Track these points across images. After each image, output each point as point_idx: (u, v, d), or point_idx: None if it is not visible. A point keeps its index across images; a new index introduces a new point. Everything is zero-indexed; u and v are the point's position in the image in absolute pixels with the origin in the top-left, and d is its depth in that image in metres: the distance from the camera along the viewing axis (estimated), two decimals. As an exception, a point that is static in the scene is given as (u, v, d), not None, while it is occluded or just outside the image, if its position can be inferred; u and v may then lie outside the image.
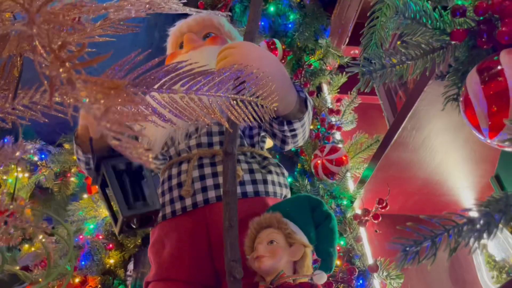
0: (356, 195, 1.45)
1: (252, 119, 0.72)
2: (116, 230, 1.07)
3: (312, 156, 1.49)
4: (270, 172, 1.10)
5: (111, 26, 0.73)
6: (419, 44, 0.62)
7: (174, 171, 1.09)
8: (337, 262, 1.34)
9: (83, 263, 1.65)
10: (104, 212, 1.72)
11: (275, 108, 0.77)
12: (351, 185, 1.54)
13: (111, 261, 1.70)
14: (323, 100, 1.67)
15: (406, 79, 0.62)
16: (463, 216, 0.49)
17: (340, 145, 1.61)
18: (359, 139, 1.55)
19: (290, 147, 1.14)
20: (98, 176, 0.99)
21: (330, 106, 1.67)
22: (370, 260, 1.36)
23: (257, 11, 1.14)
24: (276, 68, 0.99)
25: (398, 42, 0.64)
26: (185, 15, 1.61)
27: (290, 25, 1.73)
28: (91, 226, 1.76)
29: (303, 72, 1.71)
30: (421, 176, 1.39)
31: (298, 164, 1.61)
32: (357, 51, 1.79)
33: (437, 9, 0.63)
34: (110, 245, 1.74)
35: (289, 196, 1.16)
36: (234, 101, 0.71)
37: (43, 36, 0.47)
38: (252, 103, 0.73)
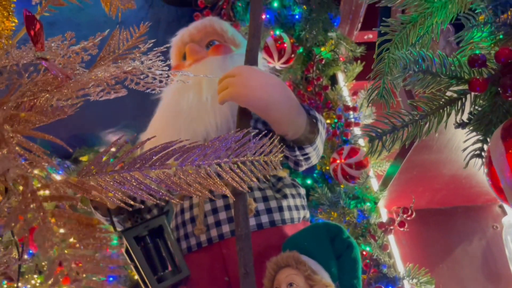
0: (380, 196, 1.39)
1: (256, 180, 0.67)
2: None
3: (330, 159, 1.42)
4: (285, 196, 1.05)
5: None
6: (432, 98, 0.55)
7: (186, 204, 1.06)
8: (364, 269, 1.30)
9: (111, 279, 1.67)
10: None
11: (281, 159, 0.71)
12: (374, 184, 1.48)
13: (139, 274, 1.71)
14: (338, 94, 1.58)
15: (420, 139, 0.56)
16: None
17: (360, 142, 1.54)
18: (379, 136, 1.47)
19: (304, 168, 1.08)
20: (121, 240, 0.99)
21: (347, 100, 1.59)
22: (399, 265, 1.32)
23: (257, 25, 1.06)
24: (281, 93, 0.93)
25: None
26: (189, 11, 1.52)
27: (297, 16, 1.62)
28: (114, 241, 1.76)
29: (314, 66, 1.62)
30: (447, 174, 1.32)
31: (317, 166, 1.55)
32: (371, 36, 1.68)
33: (452, 55, 0.55)
34: (136, 259, 1.74)
35: (308, 216, 1.12)
36: (235, 165, 0.66)
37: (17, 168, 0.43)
38: (255, 162, 0.68)
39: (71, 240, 0.40)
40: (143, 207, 1.06)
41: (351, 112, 1.53)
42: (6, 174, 0.42)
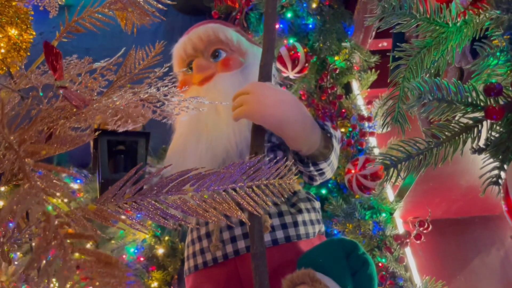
0: (395, 207, 1.38)
1: (271, 204, 0.68)
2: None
3: (345, 170, 1.42)
4: (300, 211, 1.05)
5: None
6: (447, 125, 0.55)
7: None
8: (380, 281, 1.30)
9: (128, 288, 1.69)
10: (143, 234, 1.75)
11: (295, 182, 0.72)
12: (389, 194, 1.47)
13: (155, 283, 1.73)
14: (352, 103, 1.58)
15: (436, 167, 0.55)
16: None
17: (375, 151, 1.53)
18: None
19: (318, 182, 1.08)
20: (96, 160, 0.96)
21: (362, 109, 1.58)
22: (416, 278, 1.31)
23: (271, 39, 1.06)
24: (295, 109, 0.93)
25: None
26: (203, 19, 1.53)
27: (310, 26, 1.62)
28: (132, 250, 1.80)
29: (328, 75, 1.61)
30: (464, 185, 1.30)
31: (332, 176, 1.54)
32: (385, 44, 1.67)
33: (469, 82, 0.54)
34: (152, 267, 1.77)
35: (323, 230, 1.12)
36: (250, 189, 0.67)
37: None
38: (270, 186, 0.69)
39: (92, 275, 0.41)
40: None
41: (366, 122, 1.52)
42: (29, 212, 0.43)
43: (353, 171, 1.41)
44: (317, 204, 1.12)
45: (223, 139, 1.05)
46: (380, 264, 1.31)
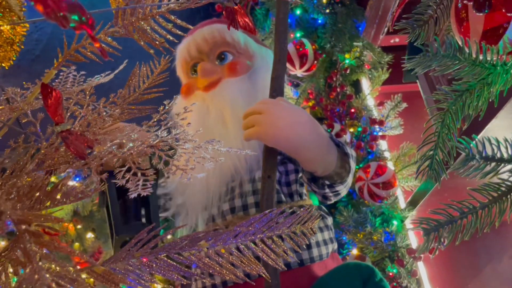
0: (407, 215, 1.34)
1: (292, 255, 0.63)
2: (112, 250, 1.00)
3: (356, 177, 1.37)
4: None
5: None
6: (493, 185, 0.49)
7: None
8: (391, 292, 1.27)
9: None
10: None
11: (317, 221, 0.67)
12: (400, 199, 1.42)
13: (158, 286, 1.71)
14: (362, 104, 1.51)
15: (481, 232, 0.50)
16: None
17: (385, 154, 1.48)
18: (407, 152, 1.40)
19: (332, 201, 1.03)
20: (103, 196, 0.91)
21: (372, 109, 1.52)
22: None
23: (283, 49, 0.99)
24: (310, 131, 0.87)
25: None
26: (204, 6, 1.44)
27: (319, 21, 1.53)
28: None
29: (338, 74, 1.54)
30: (479, 198, 1.26)
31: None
32: (397, 40, 1.59)
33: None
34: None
35: (336, 247, 1.07)
36: (270, 239, 0.62)
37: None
38: (291, 234, 0.64)
39: None
40: None
41: (377, 126, 1.46)
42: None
43: (364, 179, 1.36)
44: (330, 220, 1.08)
45: (231, 153, 1.00)
46: (390, 274, 1.28)
